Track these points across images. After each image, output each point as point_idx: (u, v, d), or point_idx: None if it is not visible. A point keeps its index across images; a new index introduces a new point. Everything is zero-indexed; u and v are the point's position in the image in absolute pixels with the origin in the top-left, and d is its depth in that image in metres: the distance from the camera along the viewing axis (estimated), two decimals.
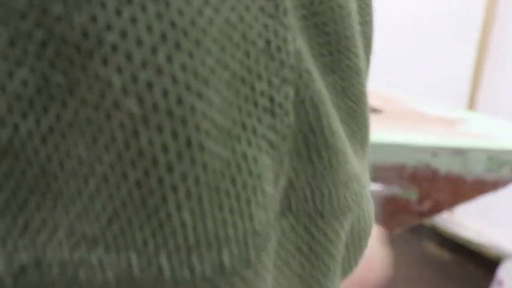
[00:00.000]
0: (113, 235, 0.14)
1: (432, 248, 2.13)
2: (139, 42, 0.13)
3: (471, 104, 1.75)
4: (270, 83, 0.15)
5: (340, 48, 0.18)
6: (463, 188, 0.82)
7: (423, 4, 1.92)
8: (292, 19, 0.16)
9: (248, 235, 0.15)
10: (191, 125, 0.13)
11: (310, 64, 0.16)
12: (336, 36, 0.17)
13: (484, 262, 1.95)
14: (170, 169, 0.13)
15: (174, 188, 0.14)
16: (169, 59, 0.13)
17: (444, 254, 2.09)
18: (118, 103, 0.13)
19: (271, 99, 0.15)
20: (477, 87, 1.73)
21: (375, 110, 0.99)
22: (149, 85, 0.13)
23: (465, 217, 2.03)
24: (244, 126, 0.15)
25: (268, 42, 0.15)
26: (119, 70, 0.13)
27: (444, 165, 0.80)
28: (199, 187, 0.14)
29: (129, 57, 0.13)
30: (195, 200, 0.14)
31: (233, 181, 0.15)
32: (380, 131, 0.84)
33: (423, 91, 1.87)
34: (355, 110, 0.18)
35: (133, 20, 0.13)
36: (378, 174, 0.84)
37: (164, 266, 0.14)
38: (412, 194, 0.84)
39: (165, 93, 0.13)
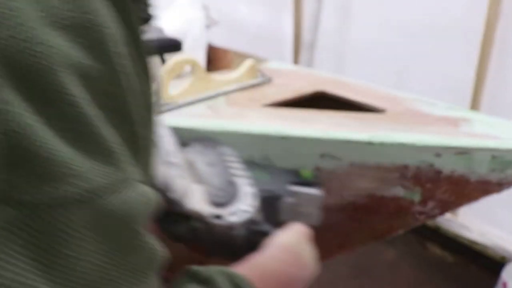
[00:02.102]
0: None
1: (435, 249, 2.12)
2: None
3: (475, 103, 1.74)
4: None
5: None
6: (467, 188, 0.82)
7: (425, 3, 1.91)
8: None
9: None
10: None
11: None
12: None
13: (487, 264, 1.94)
14: None
15: None
16: None
17: (447, 256, 2.08)
18: None
19: None
20: (480, 86, 1.72)
21: (378, 110, 0.99)
22: None
23: (469, 218, 2.02)
24: None
25: None
26: None
27: (447, 166, 0.79)
28: None
29: None
30: None
31: None
32: (383, 131, 0.84)
33: (425, 90, 1.87)
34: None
35: None
36: (380, 174, 0.83)
37: None
38: (415, 195, 0.84)
39: None
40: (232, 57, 1.83)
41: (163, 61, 1.72)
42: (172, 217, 0.60)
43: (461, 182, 0.80)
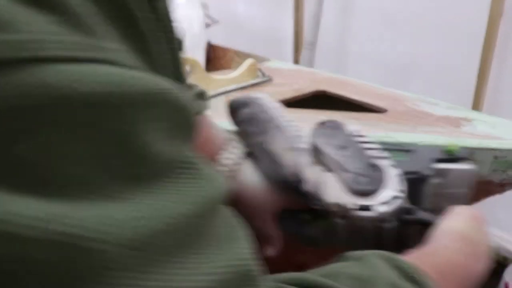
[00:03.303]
0: None
1: None
2: None
3: (477, 103, 1.73)
4: None
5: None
6: None
7: (427, 2, 1.90)
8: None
9: None
10: None
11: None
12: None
13: (490, 265, 1.93)
14: None
15: None
16: None
17: None
18: None
19: None
20: (482, 86, 1.72)
21: (379, 110, 0.98)
22: None
23: None
24: None
25: None
26: None
27: None
28: None
29: None
30: None
31: None
32: (385, 131, 0.83)
33: (427, 90, 1.86)
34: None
35: None
36: None
37: None
38: None
39: None
40: (232, 56, 1.82)
41: None
42: (302, 216, 0.52)
43: None
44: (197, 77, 1.02)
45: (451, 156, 0.61)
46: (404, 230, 0.50)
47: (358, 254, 0.39)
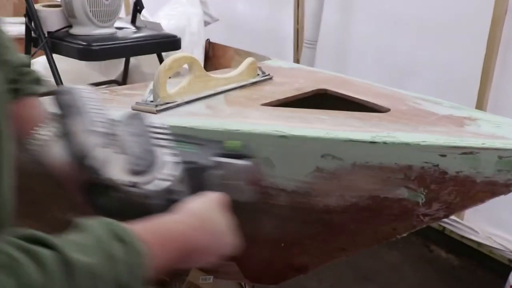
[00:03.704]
0: None
1: (440, 252, 2.10)
2: None
3: (481, 103, 1.72)
4: None
5: None
6: (473, 190, 0.79)
7: (429, 2, 1.89)
8: None
9: None
10: None
11: None
12: None
13: (494, 267, 1.91)
14: None
15: None
16: None
17: (452, 259, 2.05)
18: None
19: None
20: (486, 85, 1.70)
21: (381, 109, 0.97)
22: None
23: (475, 221, 1.99)
24: None
25: None
26: None
27: (452, 166, 0.77)
28: None
29: None
30: None
31: None
32: (387, 130, 0.81)
33: (430, 89, 1.84)
34: None
35: None
36: (384, 175, 0.81)
37: None
38: (420, 196, 0.82)
39: None
40: (232, 54, 1.81)
41: (160, 59, 1.72)
42: (97, 189, 0.60)
43: (467, 183, 0.78)
44: (196, 76, 1.00)
45: (231, 152, 0.71)
46: (171, 208, 0.59)
47: (85, 220, 0.46)
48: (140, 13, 1.83)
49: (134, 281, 0.44)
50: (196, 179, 0.67)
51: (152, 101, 0.93)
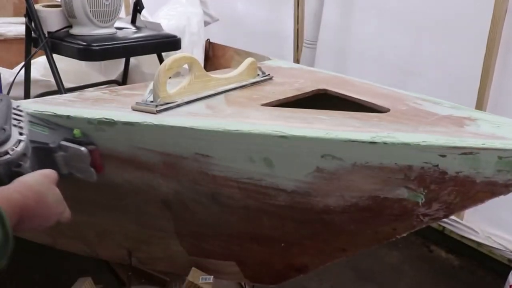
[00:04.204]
0: None
1: (440, 252, 2.10)
2: None
3: (480, 103, 1.72)
4: None
5: None
6: (473, 190, 0.79)
7: (429, 2, 1.89)
8: None
9: None
10: None
11: None
12: None
13: (494, 267, 1.91)
14: None
15: None
16: None
17: (452, 259, 2.06)
18: None
19: None
20: (486, 85, 1.70)
21: (381, 109, 0.97)
22: None
23: (475, 221, 1.99)
24: None
25: None
26: None
27: (452, 166, 0.77)
28: None
29: None
30: None
31: None
32: (387, 131, 0.81)
33: (430, 89, 1.84)
34: None
35: None
36: (384, 175, 0.81)
37: None
38: (420, 197, 0.82)
39: None
40: (232, 54, 1.81)
41: (160, 59, 1.71)
42: None
43: (467, 183, 0.78)
44: (196, 76, 1.00)
45: (75, 138, 0.89)
46: (13, 179, 0.73)
47: None
48: (140, 13, 1.83)
49: None
50: (43, 157, 0.84)
51: (152, 101, 0.93)
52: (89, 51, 1.48)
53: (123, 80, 2.00)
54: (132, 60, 1.98)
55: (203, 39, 1.96)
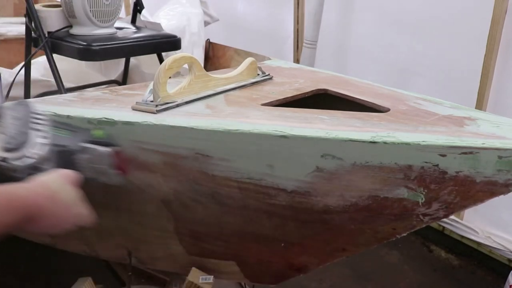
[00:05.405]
0: None
1: (439, 252, 2.10)
2: None
3: (480, 102, 1.72)
4: None
5: None
6: (473, 190, 0.79)
7: (429, 2, 1.89)
8: None
9: None
10: None
11: None
12: None
13: (494, 267, 1.91)
14: None
15: None
16: None
17: (452, 259, 2.06)
18: None
19: None
20: (486, 85, 1.70)
21: (381, 109, 0.97)
22: None
23: (475, 221, 1.99)
24: None
25: None
26: None
27: (452, 166, 0.77)
28: None
29: None
30: None
31: None
32: (387, 130, 0.81)
33: (430, 89, 1.84)
34: None
35: None
36: (384, 175, 0.81)
37: None
38: (419, 196, 0.82)
39: None
40: (232, 54, 1.81)
41: (160, 59, 1.71)
42: None
43: (467, 183, 0.78)
44: (196, 76, 1.00)
45: (96, 139, 0.85)
46: None
47: None
48: (140, 13, 1.83)
49: None
50: (64, 160, 0.82)
51: (152, 101, 0.93)
52: (89, 51, 1.48)
53: (123, 80, 2.00)
54: (132, 60, 1.98)
55: (203, 39, 1.96)
